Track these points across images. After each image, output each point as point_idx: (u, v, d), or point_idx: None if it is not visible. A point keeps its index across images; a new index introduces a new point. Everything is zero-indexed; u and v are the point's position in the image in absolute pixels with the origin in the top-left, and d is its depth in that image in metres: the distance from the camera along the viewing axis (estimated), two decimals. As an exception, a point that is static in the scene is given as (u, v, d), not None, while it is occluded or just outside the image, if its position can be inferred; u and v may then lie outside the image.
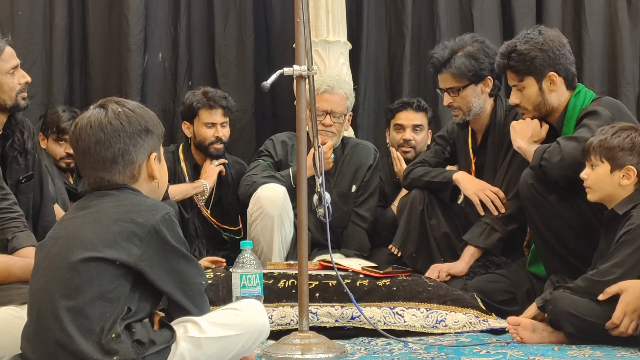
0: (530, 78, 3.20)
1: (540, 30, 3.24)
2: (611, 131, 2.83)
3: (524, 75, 3.19)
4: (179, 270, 1.97)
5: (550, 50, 3.18)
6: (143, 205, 1.97)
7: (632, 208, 2.76)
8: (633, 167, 2.79)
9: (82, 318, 1.85)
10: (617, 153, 2.79)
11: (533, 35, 3.21)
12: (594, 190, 2.86)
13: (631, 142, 2.79)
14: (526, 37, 3.21)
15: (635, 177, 2.79)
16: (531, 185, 3.10)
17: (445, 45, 3.60)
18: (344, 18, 4.49)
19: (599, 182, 2.84)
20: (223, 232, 4.19)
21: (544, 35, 3.21)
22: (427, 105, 4.38)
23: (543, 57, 3.17)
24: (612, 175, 2.81)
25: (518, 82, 3.22)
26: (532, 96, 3.21)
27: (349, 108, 3.98)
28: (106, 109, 2.02)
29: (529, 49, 3.17)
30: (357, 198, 4.01)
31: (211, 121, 4.11)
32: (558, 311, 2.68)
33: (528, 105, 3.24)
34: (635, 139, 2.80)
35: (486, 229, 3.48)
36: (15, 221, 2.64)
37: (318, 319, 2.95)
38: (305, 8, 2.53)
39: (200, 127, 4.13)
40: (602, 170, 2.82)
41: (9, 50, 3.09)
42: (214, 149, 4.14)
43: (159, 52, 4.76)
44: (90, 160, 2.00)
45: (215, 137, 4.12)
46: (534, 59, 3.16)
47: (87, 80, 4.75)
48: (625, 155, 2.79)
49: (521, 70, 3.19)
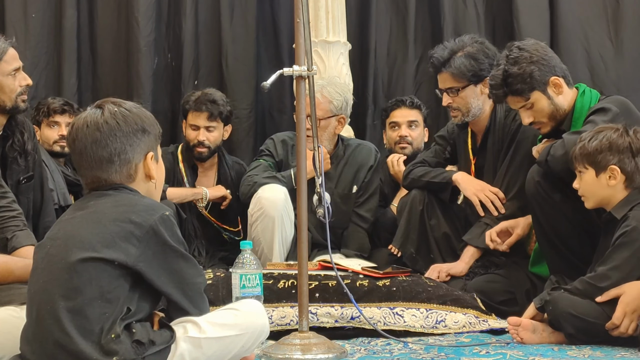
0: (536, 92, 3.15)
1: (519, 46, 3.18)
2: (589, 136, 2.82)
3: (529, 92, 3.14)
4: (177, 270, 1.97)
5: (541, 59, 3.16)
6: (141, 205, 1.97)
7: (629, 210, 2.75)
8: (615, 166, 2.78)
9: (82, 318, 1.85)
10: (597, 156, 2.79)
11: (516, 54, 3.15)
12: (587, 198, 2.86)
13: (608, 142, 2.78)
14: (511, 60, 3.15)
15: (620, 175, 2.79)
16: (538, 182, 3.10)
17: (445, 46, 3.60)
18: (344, 18, 4.49)
19: (589, 189, 2.84)
20: (223, 232, 4.19)
21: (526, 49, 3.16)
22: (422, 102, 4.38)
23: (538, 68, 3.14)
24: (598, 179, 2.80)
25: (525, 101, 3.16)
26: (545, 108, 3.17)
27: (333, 111, 3.90)
28: (102, 109, 2.03)
29: (522, 67, 3.12)
30: (358, 198, 4.01)
31: (195, 124, 4.12)
32: (558, 312, 2.68)
33: (543, 118, 3.18)
34: (611, 137, 2.78)
35: (486, 230, 3.47)
36: (15, 220, 2.64)
37: (318, 320, 2.95)
38: (305, 8, 2.53)
39: (187, 128, 4.16)
40: (588, 177, 2.82)
41: (11, 52, 3.08)
42: (197, 152, 4.14)
43: (168, 53, 4.77)
44: (87, 159, 2.01)
45: (197, 141, 4.12)
46: (531, 74, 3.12)
47: (95, 81, 4.77)
48: (606, 156, 2.78)
49: (525, 90, 3.14)
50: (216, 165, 4.29)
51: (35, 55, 4.63)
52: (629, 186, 2.80)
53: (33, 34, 4.63)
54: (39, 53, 4.62)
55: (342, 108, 3.95)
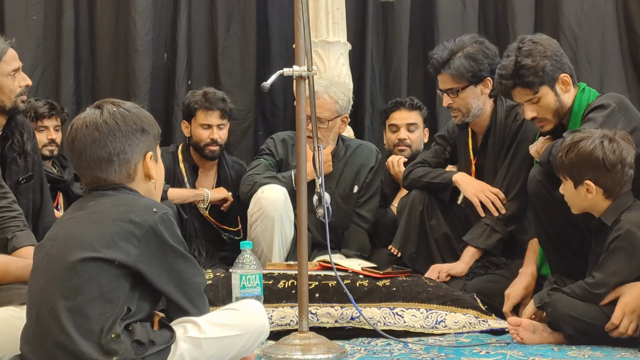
0: (545, 87, 3.13)
1: (533, 40, 3.17)
2: (566, 147, 2.78)
3: (539, 86, 3.11)
4: (177, 269, 1.97)
5: (554, 54, 3.14)
6: (140, 205, 1.97)
7: (620, 214, 2.73)
8: (590, 181, 2.74)
9: (82, 318, 1.85)
10: (573, 170, 2.77)
11: (531, 46, 3.13)
12: (571, 205, 2.85)
13: (582, 157, 2.73)
14: (525, 51, 3.12)
15: (596, 188, 2.75)
16: (539, 181, 3.09)
17: (445, 46, 3.58)
18: (343, 18, 4.49)
19: (570, 198, 2.83)
20: (222, 232, 4.19)
21: (540, 43, 3.15)
22: (421, 103, 4.38)
23: (551, 63, 3.12)
24: (577, 190, 2.79)
25: (533, 95, 3.14)
26: (551, 104, 3.14)
27: (339, 111, 3.90)
28: (101, 109, 2.03)
29: (536, 59, 3.10)
30: (359, 199, 4.00)
31: (207, 122, 4.11)
32: (558, 313, 2.68)
33: (547, 114, 3.16)
34: (585, 152, 2.72)
35: (486, 230, 3.47)
36: (15, 220, 2.64)
37: (318, 320, 2.95)
38: (305, 8, 2.53)
39: (197, 127, 4.14)
40: (568, 187, 2.81)
41: (11, 52, 3.07)
42: (209, 151, 4.14)
43: (164, 53, 4.77)
44: (86, 159, 2.01)
45: (210, 139, 4.12)
46: (544, 68, 3.09)
47: (94, 81, 4.76)
48: (581, 170, 2.75)
49: (535, 83, 3.11)
50: (216, 165, 4.29)
51: (36, 57, 4.63)
52: (609, 197, 2.77)
53: (34, 36, 4.63)
54: (39, 54, 4.63)
55: (346, 108, 3.97)
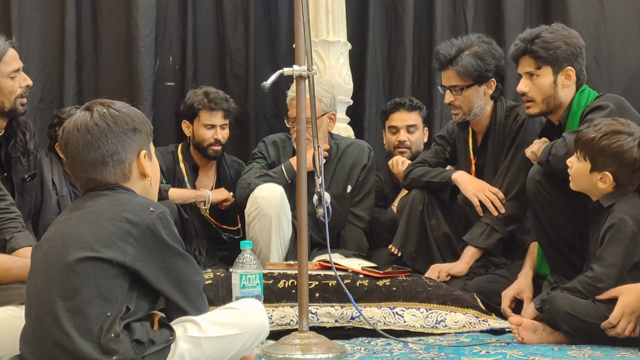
0: (547, 67, 3.17)
1: (564, 26, 3.26)
2: (603, 130, 2.79)
3: (543, 63, 3.16)
4: (175, 269, 1.97)
5: (574, 46, 3.18)
6: (137, 204, 1.97)
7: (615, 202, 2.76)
8: (610, 174, 2.77)
9: (81, 318, 1.85)
10: (599, 157, 2.78)
11: (558, 28, 3.22)
12: (574, 181, 2.88)
13: (616, 149, 2.76)
14: (551, 29, 3.21)
15: (610, 182, 2.78)
16: (538, 181, 3.09)
17: (452, 43, 3.57)
18: (344, 18, 4.49)
19: (578, 177, 2.85)
20: (222, 232, 4.20)
21: (569, 31, 3.23)
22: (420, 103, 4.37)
23: (566, 49, 3.16)
24: (590, 175, 2.81)
25: (535, 69, 3.18)
26: (545, 87, 3.18)
27: (324, 109, 3.89)
28: (92, 111, 2.02)
29: (555, 38, 3.16)
30: (353, 198, 4.00)
31: (211, 123, 4.12)
32: (555, 311, 2.68)
33: (537, 96, 3.20)
34: (621, 147, 2.75)
35: (486, 230, 3.48)
36: (14, 221, 2.64)
37: (318, 319, 2.95)
38: (305, 8, 2.53)
39: (200, 127, 4.14)
40: (583, 167, 2.83)
41: (11, 53, 3.06)
42: (213, 151, 4.15)
43: (169, 55, 4.77)
44: (80, 162, 2.01)
45: (214, 139, 4.13)
46: (557, 49, 3.15)
47: (97, 82, 4.76)
48: (607, 160, 2.77)
49: (542, 57, 3.16)
50: (216, 165, 4.30)
51: (41, 58, 4.63)
52: (615, 189, 2.81)
53: (40, 38, 4.64)
54: (45, 56, 4.63)
55: (331, 105, 3.96)
